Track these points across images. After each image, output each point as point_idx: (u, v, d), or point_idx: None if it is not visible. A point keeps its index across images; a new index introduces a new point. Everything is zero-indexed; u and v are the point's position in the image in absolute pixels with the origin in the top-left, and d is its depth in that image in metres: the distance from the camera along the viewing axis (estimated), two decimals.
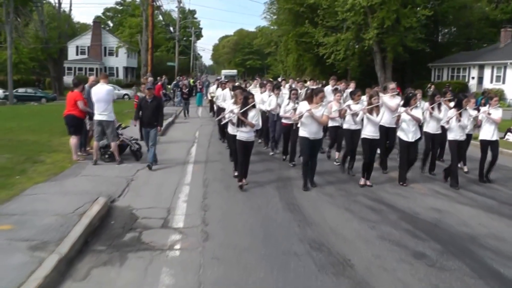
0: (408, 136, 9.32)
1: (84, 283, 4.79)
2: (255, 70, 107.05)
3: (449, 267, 5.33)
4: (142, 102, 10.56)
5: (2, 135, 14.57)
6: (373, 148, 9.29)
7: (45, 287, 4.45)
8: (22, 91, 43.76)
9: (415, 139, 9.44)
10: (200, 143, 14.40)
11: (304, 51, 47.74)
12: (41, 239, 5.59)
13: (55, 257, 5.01)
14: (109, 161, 10.84)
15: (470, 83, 39.52)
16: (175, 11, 67.44)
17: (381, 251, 5.79)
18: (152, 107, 10.29)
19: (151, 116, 10.31)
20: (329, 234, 6.38)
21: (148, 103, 10.35)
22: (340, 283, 4.86)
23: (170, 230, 6.46)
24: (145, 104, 10.40)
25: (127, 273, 5.05)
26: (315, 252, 5.69)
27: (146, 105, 10.36)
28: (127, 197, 8.09)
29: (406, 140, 9.34)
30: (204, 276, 4.95)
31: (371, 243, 6.06)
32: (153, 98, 10.53)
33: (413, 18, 34.54)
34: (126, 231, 6.36)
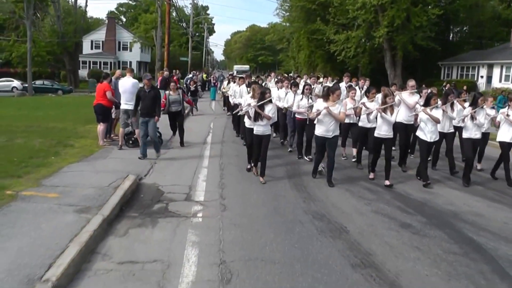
0: (427, 136, 9.11)
1: (124, 239, 5.80)
2: (267, 65, 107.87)
3: (430, 234, 6.28)
4: (141, 92, 10.67)
5: (31, 122, 15.69)
6: (388, 146, 9.24)
7: (94, 238, 5.47)
8: (39, 83, 45.16)
9: (434, 139, 9.22)
10: (215, 133, 15.41)
11: (315, 48, 48.27)
12: (84, 205, 6.62)
13: (99, 217, 6.05)
14: (132, 147, 11.86)
15: (479, 82, 40.02)
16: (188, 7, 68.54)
17: (373, 221, 6.77)
18: (150, 97, 10.49)
19: (150, 106, 10.52)
20: (330, 208, 7.36)
21: (147, 93, 10.54)
22: (336, 243, 5.83)
23: (193, 202, 7.48)
24: (144, 94, 10.57)
25: (159, 232, 6.06)
26: (317, 221, 6.68)
27: (145, 95, 10.54)
28: (152, 176, 9.11)
29: (425, 139, 9.16)
30: (223, 236, 5.94)
31: (366, 215, 7.04)
32: (151, 88, 10.73)
33: (423, 17, 35.00)
34: (155, 203, 7.38)
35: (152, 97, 10.52)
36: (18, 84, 45.30)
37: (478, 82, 40.04)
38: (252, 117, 8.91)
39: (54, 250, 4.95)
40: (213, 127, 17.10)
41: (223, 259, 5.18)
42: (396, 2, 34.03)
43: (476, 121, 9.34)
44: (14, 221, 5.83)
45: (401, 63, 39.78)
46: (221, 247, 5.57)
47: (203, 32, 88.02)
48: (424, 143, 9.20)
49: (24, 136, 12.59)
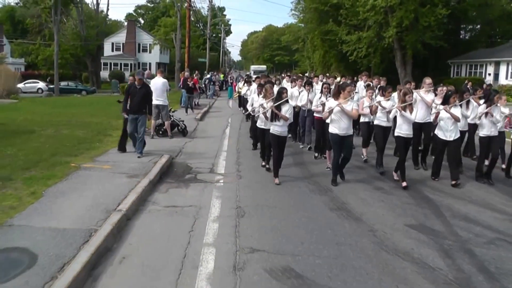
0: (446, 135, 9.03)
1: (166, 194, 7.86)
2: (284, 65, 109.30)
3: (397, 194, 8.23)
4: (131, 89, 10.65)
5: (69, 118, 17.89)
6: (407, 146, 9.19)
7: (144, 192, 7.54)
8: (64, 84, 47.52)
9: (454, 138, 9.04)
10: (232, 126, 17.46)
11: (329, 48, 49.79)
12: (133, 173, 8.70)
13: (146, 180, 8.12)
14: (162, 136, 13.91)
15: (486, 79, 41.38)
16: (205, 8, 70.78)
17: (354, 185, 8.72)
18: (141, 94, 10.50)
19: (140, 103, 10.51)
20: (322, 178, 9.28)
21: (137, 90, 10.53)
22: (321, 197, 7.85)
23: (215, 173, 9.53)
24: (134, 90, 10.55)
25: (191, 191, 8.12)
26: (311, 185, 8.70)
27: (135, 91, 10.51)
28: (181, 157, 11.18)
29: (444, 138, 9.08)
30: (239, 193, 7.99)
31: (349, 182, 8.98)
32: (142, 85, 10.70)
33: (431, 17, 36.40)
34: (186, 174, 9.44)
35: (142, 94, 10.54)
36: (43, 85, 47.98)
37: (486, 79, 41.41)
38: (269, 117, 8.88)
39: (118, 196, 7.02)
40: (231, 121, 19.10)
41: (238, 205, 7.22)
42: (404, 4, 35.56)
43: (493, 118, 9.28)
44: (84, 181, 7.97)
45: (411, 62, 41.17)
46: (237, 199, 7.61)
47: (220, 33, 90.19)
48: (441, 142, 9.18)
49: (67, 128, 14.74)
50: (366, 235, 6.06)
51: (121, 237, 5.77)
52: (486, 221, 6.82)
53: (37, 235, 5.40)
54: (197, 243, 5.64)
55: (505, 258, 5.44)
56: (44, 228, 5.62)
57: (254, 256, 5.26)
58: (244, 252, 5.37)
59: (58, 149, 10.87)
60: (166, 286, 4.54)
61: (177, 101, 23.36)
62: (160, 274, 4.80)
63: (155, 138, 13.65)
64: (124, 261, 5.11)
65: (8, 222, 5.83)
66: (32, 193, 7.15)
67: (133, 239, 5.77)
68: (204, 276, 4.75)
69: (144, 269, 4.91)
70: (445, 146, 9.11)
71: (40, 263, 4.67)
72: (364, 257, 5.33)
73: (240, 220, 6.52)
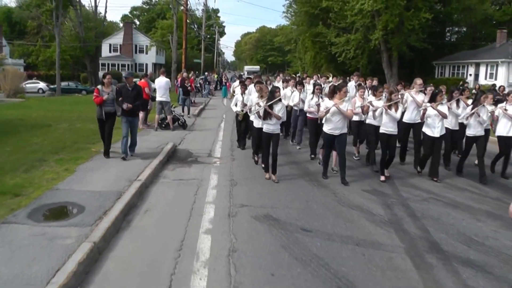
0: (434, 132, 9.43)
1: (173, 171, 9.70)
2: (276, 66, 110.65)
3: (367, 174, 10.05)
4: (123, 90, 10.30)
5: (79, 114, 19.66)
6: (392, 143, 9.45)
7: (156, 169, 9.37)
8: (64, 85, 49.04)
9: (441, 134, 9.48)
10: (227, 120, 19.30)
11: (319, 49, 51.68)
12: (145, 155, 10.54)
13: (157, 160, 9.95)
14: (164, 129, 15.69)
15: (468, 79, 43.40)
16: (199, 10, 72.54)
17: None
18: (133, 96, 10.28)
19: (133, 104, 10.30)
20: (302, 160, 11.12)
21: (129, 92, 10.30)
22: (301, 174, 9.63)
23: (213, 157, 11.37)
24: (126, 92, 10.27)
25: (193, 169, 9.95)
26: (294, 166, 10.47)
27: (127, 93, 10.24)
28: (183, 145, 13.01)
29: (431, 135, 9.47)
30: (232, 170, 9.84)
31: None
32: (134, 86, 10.54)
33: (415, 20, 38.23)
34: (188, 157, 11.28)
35: (134, 95, 10.37)
36: (44, 85, 49.54)
37: (467, 79, 43.42)
38: (262, 116, 9.09)
39: (137, 171, 8.85)
40: (225, 117, 20.92)
41: (232, 178, 9.09)
42: (389, 8, 37.38)
43: (479, 118, 9.65)
44: (106, 162, 9.86)
45: (397, 63, 43.03)
46: (230, 174, 9.49)
47: (214, 34, 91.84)
48: (430, 139, 9.53)
49: (79, 122, 16.50)
50: (329, 196, 7.96)
51: (143, 198, 7.60)
52: (427, 187, 8.77)
53: (80, 195, 7.21)
54: (201, 201, 7.49)
55: (431, 209, 7.37)
56: (84, 191, 7.42)
57: (243, 209, 7.11)
58: (236, 206, 7.22)
59: (77, 139, 12.65)
60: (180, 227, 6.32)
61: (175, 99, 25.12)
62: (175, 220, 6.61)
63: (158, 131, 15.42)
64: (147, 212, 6.93)
65: (55, 187, 7.62)
66: (66, 169, 8.95)
67: (152, 199, 7.61)
68: (207, 220, 6.58)
69: (163, 217, 6.74)
70: (433, 142, 9.48)
71: (88, 210, 6.48)
72: (325, 209, 7.21)
73: (233, 188, 8.37)
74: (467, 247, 5.82)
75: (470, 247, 5.85)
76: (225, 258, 5.22)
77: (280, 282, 4.69)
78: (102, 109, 10.17)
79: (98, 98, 10.13)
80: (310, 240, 5.83)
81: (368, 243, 5.81)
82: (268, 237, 5.94)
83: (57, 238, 5.32)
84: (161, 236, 5.92)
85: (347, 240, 5.90)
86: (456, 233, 6.37)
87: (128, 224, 6.34)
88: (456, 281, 4.85)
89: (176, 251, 5.38)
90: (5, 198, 6.82)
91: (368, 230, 6.38)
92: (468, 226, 6.70)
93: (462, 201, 8.07)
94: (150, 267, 4.96)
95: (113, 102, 10.18)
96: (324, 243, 5.77)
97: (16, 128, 14.54)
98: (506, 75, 39.25)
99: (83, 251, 4.86)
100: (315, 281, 4.73)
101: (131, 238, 5.86)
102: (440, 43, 48.47)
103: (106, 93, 10.12)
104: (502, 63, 38.73)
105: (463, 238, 6.15)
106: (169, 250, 5.42)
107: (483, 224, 6.80)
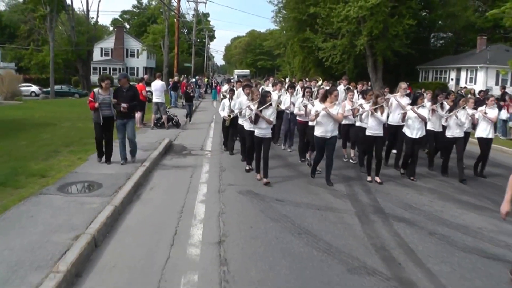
0: (413, 133, 9.83)
1: (171, 161, 11.29)
2: (266, 70, 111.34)
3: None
4: (118, 92, 9.99)
5: (78, 115, 21.07)
6: (379, 145, 9.70)
7: (156, 159, 10.92)
8: (57, 88, 50.05)
9: (420, 136, 9.89)
10: (217, 120, 20.76)
11: (307, 54, 53.09)
12: (146, 147, 12.08)
13: (156, 152, 11.52)
14: (160, 128, 17.23)
15: (449, 83, 45.33)
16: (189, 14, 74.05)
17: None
18: (128, 97, 9.96)
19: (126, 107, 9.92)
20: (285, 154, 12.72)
21: (124, 93, 10.00)
22: (282, 164, 11.21)
23: (204, 150, 13.01)
24: (121, 93, 9.96)
25: (188, 159, 11.54)
26: (279, 159, 12.04)
27: (122, 94, 9.94)
28: (178, 140, 14.59)
29: (411, 136, 9.88)
30: (221, 160, 11.45)
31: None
32: (129, 87, 10.25)
33: (399, 27, 39.69)
34: (183, 150, 12.86)
35: (130, 96, 10.07)
36: (36, 89, 50.72)
37: (449, 84, 45.33)
38: (253, 120, 9.15)
39: (141, 160, 10.38)
40: (215, 118, 22.45)
41: (221, 165, 10.74)
42: (374, 15, 38.86)
43: (458, 120, 10.09)
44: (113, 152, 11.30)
45: (382, 67, 44.42)
46: (220, 163, 11.12)
47: (204, 38, 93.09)
48: (410, 140, 9.96)
49: (80, 122, 17.96)
50: (302, 178, 9.64)
51: (148, 179, 9.19)
52: (389, 173, 10.39)
53: (96, 176, 8.76)
54: (195, 182, 9.11)
55: (385, 188, 9.12)
56: (99, 173, 8.97)
57: (231, 187, 8.74)
58: (224, 185, 8.84)
59: (83, 135, 14.14)
60: (180, 198, 7.88)
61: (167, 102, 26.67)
62: (175, 194, 8.19)
63: (154, 129, 16.94)
64: (153, 189, 8.52)
65: (74, 171, 9.15)
66: (79, 158, 10.48)
67: (156, 180, 9.21)
68: (201, 194, 8.18)
69: (166, 192, 8.33)
70: (413, 143, 9.87)
71: (105, 186, 8.02)
72: (297, 187, 8.90)
73: (222, 173, 10.00)
74: (404, 211, 7.52)
75: (407, 210, 7.55)
76: (216, 217, 6.82)
77: (256, 231, 6.29)
78: (99, 113, 9.75)
79: (92, 103, 9.76)
80: (282, 207, 7.46)
81: (327, 208, 7.48)
82: (249, 205, 7.57)
83: (85, 203, 6.87)
84: (165, 205, 7.52)
85: (311, 207, 7.55)
86: (399, 202, 8.08)
87: (138, 197, 7.90)
88: (389, 230, 6.51)
89: (178, 213, 6.98)
90: (35, 179, 8.34)
91: (329, 200, 8.04)
92: (411, 198, 8.42)
93: (413, 183, 9.75)
94: (160, 223, 6.55)
95: (111, 106, 9.81)
96: (292, 208, 7.41)
97: (24, 127, 16.01)
98: (485, 80, 41.18)
99: (108, 211, 6.42)
100: (283, 230, 6.34)
101: (142, 206, 7.44)
102: (425, 48, 50.28)
103: (102, 97, 9.73)
104: (481, 68, 40.65)
105: (403, 205, 7.85)
106: (173, 212, 7.01)
107: (423, 197, 8.51)
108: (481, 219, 7.34)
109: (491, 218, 7.37)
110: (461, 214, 7.58)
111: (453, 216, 7.42)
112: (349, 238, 6.14)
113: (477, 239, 6.35)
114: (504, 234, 6.61)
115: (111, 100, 9.73)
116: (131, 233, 6.11)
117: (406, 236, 6.29)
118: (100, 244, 5.59)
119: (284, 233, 6.21)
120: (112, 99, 9.73)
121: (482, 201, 8.56)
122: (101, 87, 9.88)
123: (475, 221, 7.22)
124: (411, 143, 9.89)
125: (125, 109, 9.79)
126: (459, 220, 7.22)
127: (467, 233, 6.58)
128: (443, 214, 7.50)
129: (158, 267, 4.99)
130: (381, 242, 6.02)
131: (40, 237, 5.40)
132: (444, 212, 7.59)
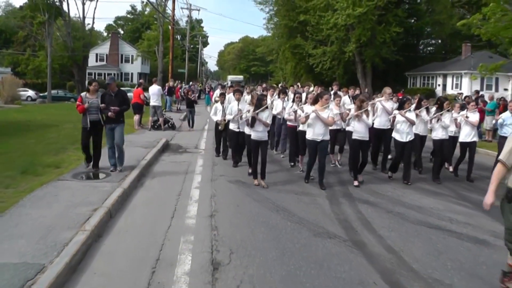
0: (402, 137, 10.03)
1: (169, 157, 12.56)
2: (259, 76, 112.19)
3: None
4: (106, 96, 9.65)
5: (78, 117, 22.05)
6: (364, 149, 9.93)
7: (156, 155, 12.16)
8: (54, 93, 51.21)
9: (409, 139, 10.05)
10: (211, 123, 21.89)
11: (299, 60, 54.08)
12: (145, 145, 13.32)
13: (155, 149, 12.77)
14: (157, 130, 18.42)
15: (436, 89, 46.80)
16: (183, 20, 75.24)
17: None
18: (117, 102, 9.64)
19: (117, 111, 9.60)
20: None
21: (113, 97, 9.66)
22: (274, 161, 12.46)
23: (198, 149, 14.28)
24: (109, 98, 9.62)
25: (184, 156, 12.81)
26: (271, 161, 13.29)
27: (111, 99, 9.61)
28: (174, 140, 15.84)
29: (400, 140, 10.07)
30: (214, 158, 12.67)
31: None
32: (117, 91, 9.86)
33: (386, 34, 40.99)
34: (179, 149, 14.13)
35: (119, 101, 9.72)
36: (33, 93, 51.66)
37: (436, 89, 46.80)
38: (250, 123, 9.34)
39: (142, 155, 11.65)
40: (209, 121, 23.63)
41: (213, 161, 12.01)
42: (362, 22, 40.14)
43: (442, 122, 10.38)
44: None
45: (371, 74, 45.62)
46: (212, 159, 12.39)
47: (198, 44, 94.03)
48: (399, 144, 10.14)
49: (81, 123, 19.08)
50: (286, 172, 10.87)
51: (149, 170, 10.47)
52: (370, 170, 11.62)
53: (104, 167, 9.95)
54: (191, 173, 10.39)
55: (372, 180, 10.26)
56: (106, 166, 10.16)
57: (222, 177, 10.03)
58: (216, 176, 10.13)
59: None
60: (178, 185, 9.14)
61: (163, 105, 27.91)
62: (174, 182, 9.47)
63: (152, 131, 18.13)
64: (154, 178, 9.79)
65: (82, 164, 10.33)
66: None
67: (156, 171, 10.49)
68: (196, 182, 9.46)
69: (165, 180, 9.62)
70: (403, 147, 10.07)
71: (113, 175, 9.29)
72: (281, 178, 10.17)
73: (214, 167, 11.29)
74: (370, 195, 8.84)
75: (373, 195, 8.86)
76: (208, 199, 8.10)
77: (242, 208, 7.59)
78: (87, 117, 9.61)
79: (80, 106, 9.54)
80: (265, 192, 8.76)
81: (303, 193, 8.80)
82: (237, 191, 8.89)
83: (98, 187, 8.12)
84: (166, 190, 8.80)
85: (290, 192, 8.88)
86: (368, 190, 9.37)
87: (141, 184, 9.16)
88: (353, 209, 7.82)
89: (177, 196, 8.27)
90: (50, 169, 9.58)
91: (307, 187, 9.36)
92: (380, 187, 9.69)
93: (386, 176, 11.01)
94: (162, 202, 7.83)
95: (98, 110, 9.58)
96: (274, 193, 8.71)
97: (29, 128, 17.21)
98: (469, 85, 42.50)
99: (119, 192, 7.68)
100: (264, 208, 7.64)
101: (146, 191, 8.71)
102: (413, 55, 51.72)
103: (89, 100, 9.50)
104: (465, 74, 42.14)
105: (371, 192, 9.15)
106: (172, 195, 8.29)
107: (391, 187, 9.76)
108: (435, 202, 8.63)
109: (445, 202, 8.68)
110: (420, 198, 8.88)
111: (412, 200, 8.71)
112: (318, 214, 7.42)
113: (426, 215, 7.64)
114: (451, 212, 7.92)
115: (99, 104, 9.53)
116: (139, 209, 7.37)
117: (367, 214, 7.56)
118: (114, 216, 6.86)
119: (265, 210, 7.48)
120: (100, 104, 9.52)
121: (442, 190, 9.83)
122: (89, 90, 9.79)
123: (430, 203, 8.52)
124: (401, 147, 10.10)
125: (114, 113, 9.51)
126: (416, 202, 8.51)
127: (419, 211, 7.86)
128: (404, 198, 8.81)
129: (162, 231, 6.27)
130: (345, 217, 7.30)
131: (65, 209, 6.65)
132: (405, 197, 8.89)
